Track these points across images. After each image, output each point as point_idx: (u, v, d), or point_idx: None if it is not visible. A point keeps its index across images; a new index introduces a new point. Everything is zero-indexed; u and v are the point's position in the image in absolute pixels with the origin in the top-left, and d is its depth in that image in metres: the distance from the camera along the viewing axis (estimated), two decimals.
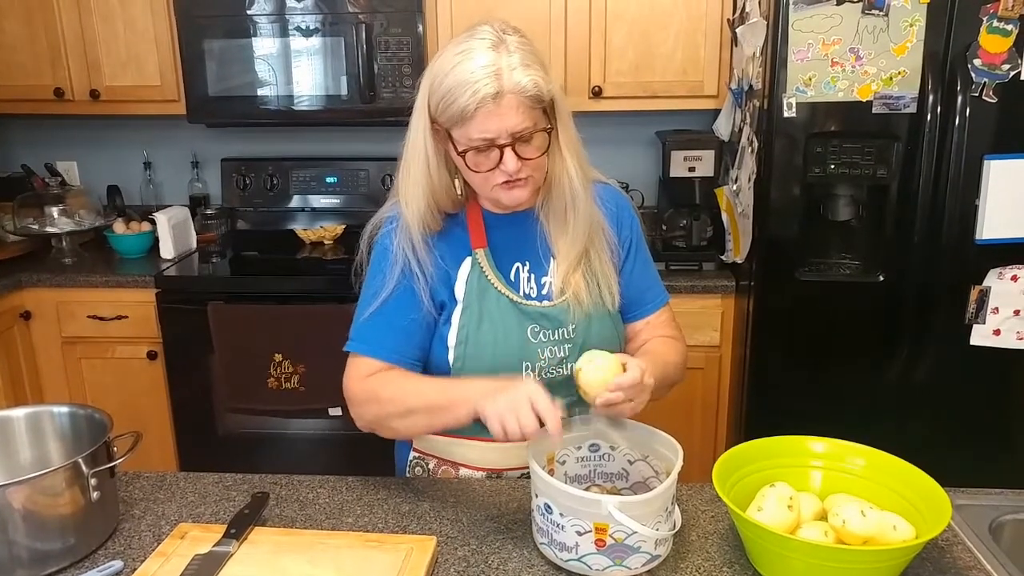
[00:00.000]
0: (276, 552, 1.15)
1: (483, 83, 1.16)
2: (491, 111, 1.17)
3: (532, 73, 1.19)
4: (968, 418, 2.31)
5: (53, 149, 3.24)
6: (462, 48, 1.20)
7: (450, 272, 1.34)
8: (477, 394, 1.19)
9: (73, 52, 2.83)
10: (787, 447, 1.25)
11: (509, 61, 1.18)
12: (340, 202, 3.12)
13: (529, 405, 1.13)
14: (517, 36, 1.22)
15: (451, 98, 1.18)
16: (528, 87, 1.18)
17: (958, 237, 2.19)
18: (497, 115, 1.18)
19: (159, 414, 2.77)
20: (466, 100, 1.17)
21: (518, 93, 1.18)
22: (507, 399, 1.14)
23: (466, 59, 1.18)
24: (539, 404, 1.13)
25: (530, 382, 1.16)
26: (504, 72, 1.17)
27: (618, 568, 1.10)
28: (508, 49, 1.19)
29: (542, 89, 1.20)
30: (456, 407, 1.22)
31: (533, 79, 1.19)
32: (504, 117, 1.18)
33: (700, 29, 2.66)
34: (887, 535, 1.07)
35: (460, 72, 1.18)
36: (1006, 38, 2.07)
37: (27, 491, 1.10)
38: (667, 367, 1.36)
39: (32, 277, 2.74)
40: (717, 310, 2.60)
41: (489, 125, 1.19)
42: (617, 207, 1.43)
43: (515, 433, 1.13)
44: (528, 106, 1.20)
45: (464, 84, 1.17)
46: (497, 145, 1.21)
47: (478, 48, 1.19)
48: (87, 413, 1.29)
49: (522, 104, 1.19)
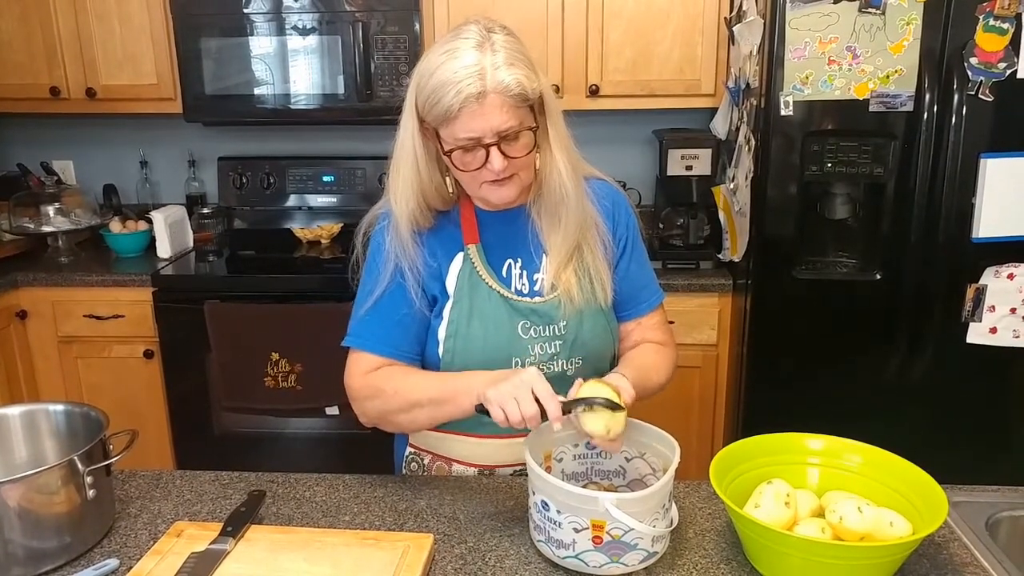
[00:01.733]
0: (273, 550, 1.15)
1: (466, 83, 1.16)
2: (475, 111, 1.17)
3: (516, 72, 1.19)
4: (965, 415, 2.32)
5: (49, 148, 3.23)
6: (447, 48, 1.20)
7: (442, 268, 1.34)
8: (480, 383, 1.20)
9: (69, 51, 2.82)
10: (784, 444, 1.26)
11: (493, 60, 1.18)
12: (337, 201, 3.12)
13: (530, 391, 1.14)
14: (503, 34, 1.22)
15: (436, 98, 1.18)
16: (512, 86, 1.18)
17: (955, 235, 2.20)
18: (481, 114, 1.18)
19: (156, 413, 2.77)
20: (450, 100, 1.17)
21: (502, 92, 1.18)
22: (509, 385, 1.15)
23: (450, 59, 1.18)
24: (540, 391, 1.14)
25: (532, 370, 1.17)
26: (488, 71, 1.17)
27: (615, 565, 1.10)
28: (493, 48, 1.19)
29: (527, 88, 1.20)
30: (459, 398, 1.23)
31: (517, 78, 1.18)
32: (488, 116, 1.18)
33: (697, 28, 2.67)
34: (884, 531, 1.07)
35: (444, 72, 1.18)
36: (1002, 36, 2.08)
37: (23, 489, 1.09)
38: (649, 381, 1.35)
39: (28, 276, 2.73)
40: (714, 308, 2.60)
41: (474, 124, 1.19)
42: (613, 204, 1.43)
43: (516, 417, 1.13)
44: (512, 105, 1.19)
45: (448, 84, 1.17)
46: (483, 144, 1.21)
47: (462, 48, 1.19)
48: (83, 411, 1.28)
49: (506, 103, 1.18)
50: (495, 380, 1.18)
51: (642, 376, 1.31)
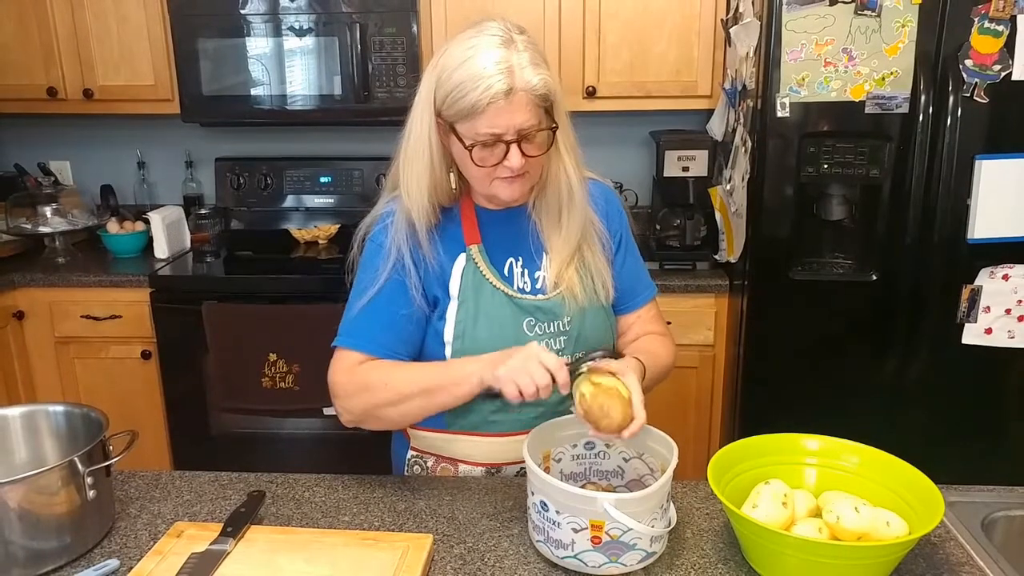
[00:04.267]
0: (272, 550, 1.15)
1: (496, 79, 1.17)
2: (502, 107, 1.19)
3: (542, 72, 1.21)
4: (960, 416, 2.32)
5: (46, 149, 3.23)
6: (472, 43, 1.20)
7: (445, 267, 1.35)
8: (480, 367, 1.22)
9: (66, 51, 2.82)
10: (782, 445, 1.26)
11: (520, 59, 1.19)
12: (334, 202, 3.12)
13: (538, 362, 1.16)
14: (525, 35, 1.24)
15: (461, 92, 1.19)
16: (539, 86, 1.20)
17: (950, 236, 2.21)
18: (508, 111, 1.19)
19: (153, 414, 2.77)
20: (478, 95, 1.18)
21: (529, 91, 1.19)
22: (515, 361, 1.17)
23: (477, 54, 1.19)
24: (547, 361, 1.16)
25: (533, 344, 1.19)
26: (516, 69, 1.19)
27: (614, 565, 1.10)
28: (518, 47, 1.20)
29: (551, 89, 1.22)
30: (456, 385, 1.24)
31: (543, 78, 1.21)
32: (514, 114, 1.20)
33: (694, 29, 2.67)
34: (881, 531, 1.08)
35: (471, 67, 1.19)
36: (997, 39, 2.09)
37: (23, 490, 1.10)
38: (661, 369, 1.41)
39: (25, 277, 2.73)
40: (711, 309, 2.61)
41: (499, 121, 1.20)
42: (606, 202, 1.45)
43: (530, 390, 1.15)
44: (536, 104, 1.21)
45: (476, 78, 1.18)
46: (503, 141, 1.22)
47: (489, 44, 1.20)
48: (83, 412, 1.29)
49: (531, 102, 1.20)
50: (494, 362, 1.20)
51: (653, 361, 1.36)
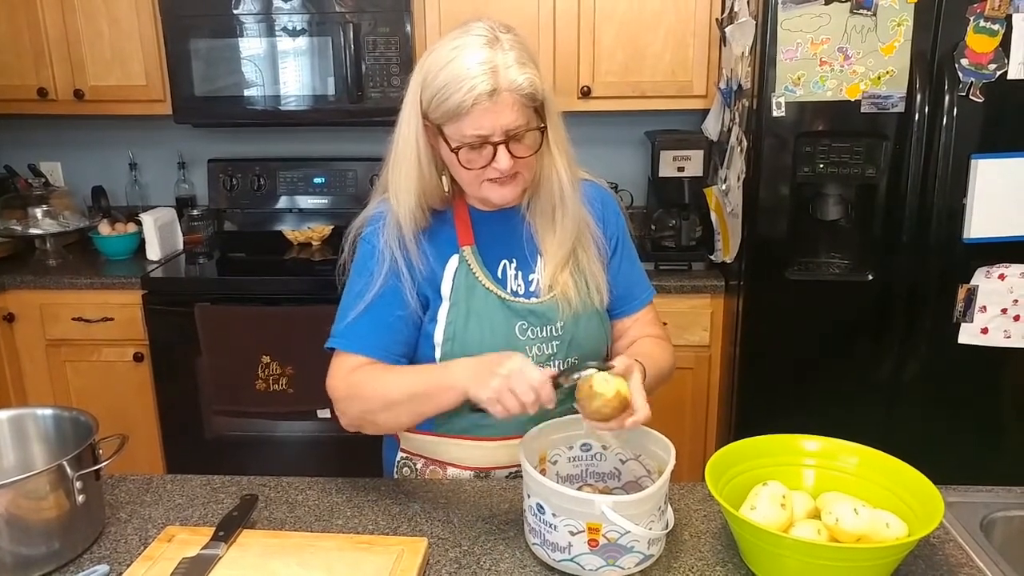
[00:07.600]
0: (265, 555, 1.14)
1: (479, 79, 1.16)
2: (487, 108, 1.17)
3: (527, 72, 1.19)
4: (958, 416, 2.32)
5: (37, 150, 3.21)
6: (457, 44, 1.19)
7: (436, 270, 1.33)
8: (464, 378, 1.19)
9: (57, 51, 2.80)
10: (780, 446, 1.25)
11: (505, 59, 1.18)
12: (328, 203, 3.11)
13: (522, 379, 1.13)
14: (511, 34, 1.22)
15: (445, 94, 1.17)
16: (524, 85, 1.18)
17: (946, 236, 2.20)
18: (493, 112, 1.17)
19: (145, 417, 2.75)
20: (462, 96, 1.16)
21: (514, 91, 1.17)
22: (499, 380, 1.14)
23: (461, 55, 1.17)
24: (531, 377, 1.13)
25: (516, 356, 1.17)
26: (500, 69, 1.17)
27: (611, 568, 1.09)
28: (503, 47, 1.19)
29: (537, 88, 1.20)
30: (441, 393, 1.22)
31: (529, 77, 1.19)
32: (500, 114, 1.18)
33: (689, 29, 2.67)
34: (880, 533, 1.07)
35: (455, 68, 1.17)
36: (992, 38, 2.09)
37: (11, 495, 1.08)
38: (661, 372, 1.38)
39: (15, 279, 2.71)
40: (707, 310, 2.60)
41: (484, 122, 1.18)
42: (603, 204, 1.43)
43: (516, 409, 1.13)
44: (523, 104, 1.19)
45: (460, 80, 1.16)
46: (491, 142, 1.20)
47: (473, 44, 1.18)
48: (72, 415, 1.27)
49: (517, 102, 1.18)
50: (477, 372, 1.17)
51: (652, 364, 1.31)
